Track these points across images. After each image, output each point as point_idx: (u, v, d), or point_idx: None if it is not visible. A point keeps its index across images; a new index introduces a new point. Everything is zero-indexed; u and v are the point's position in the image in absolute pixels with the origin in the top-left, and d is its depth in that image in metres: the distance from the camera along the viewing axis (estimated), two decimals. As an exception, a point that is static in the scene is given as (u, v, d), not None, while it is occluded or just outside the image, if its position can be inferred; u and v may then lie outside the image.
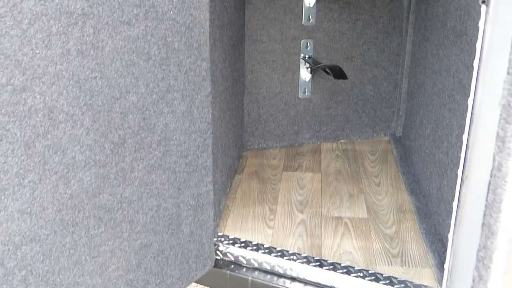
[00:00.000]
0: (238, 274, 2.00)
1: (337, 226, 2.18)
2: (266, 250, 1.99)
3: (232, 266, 2.01)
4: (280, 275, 1.94)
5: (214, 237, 2.05)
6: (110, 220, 1.49)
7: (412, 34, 2.82)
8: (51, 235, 1.31)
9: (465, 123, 1.49)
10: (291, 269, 1.91)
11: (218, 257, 2.03)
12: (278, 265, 1.93)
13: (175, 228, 1.76)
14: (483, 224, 1.35)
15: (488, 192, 1.30)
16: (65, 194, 1.33)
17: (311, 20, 2.78)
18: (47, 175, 1.26)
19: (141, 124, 1.52)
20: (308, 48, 2.83)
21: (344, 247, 2.04)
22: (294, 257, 1.94)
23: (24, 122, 1.18)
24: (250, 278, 1.97)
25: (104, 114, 1.39)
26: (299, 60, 2.84)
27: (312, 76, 2.89)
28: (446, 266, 1.50)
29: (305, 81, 2.87)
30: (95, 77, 1.34)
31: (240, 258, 1.99)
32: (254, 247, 2.01)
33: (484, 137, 1.29)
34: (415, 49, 2.75)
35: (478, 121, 1.29)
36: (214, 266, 2.01)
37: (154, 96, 1.54)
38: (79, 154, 1.35)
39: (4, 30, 1.09)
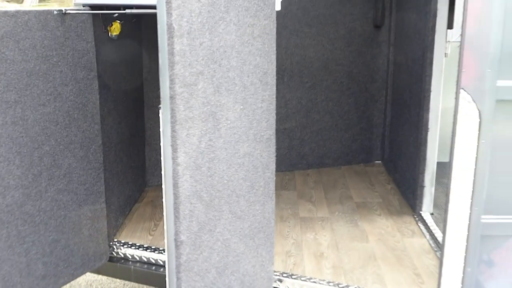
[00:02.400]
0: (125, 265, 2.97)
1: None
2: (145, 249, 2.98)
3: (122, 260, 2.98)
4: (152, 264, 2.92)
5: (111, 241, 3.01)
6: (31, 222, 2.46)
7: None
8: None
9: None
10: (161, 260, 2.89)
11: (112, 254, 2.99)
12: (152, 258, 2.91)
13: (77, 231, 2.72)
14: None
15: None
16: (3, 204, 2.31)
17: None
18: (2, 189, 2.25)
19: (52, 163, 2.51)
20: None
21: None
22: (163, 252, 2.92)
23: None
24: (132, 267, 2.94)
25: (27, 157, 2.38)
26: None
27: None
28: None
29: None
30: (22, 136, 2.34)
31: (127, 255, 2.97)
32: (137, 247, 2.99)
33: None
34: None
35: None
36: (109, 260, 2.97)
37: (61, 146, 2.55)
38: (12, 180, 2.33)
39: None
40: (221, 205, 2.02)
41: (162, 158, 1.72)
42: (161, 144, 1.71)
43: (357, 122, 4.22)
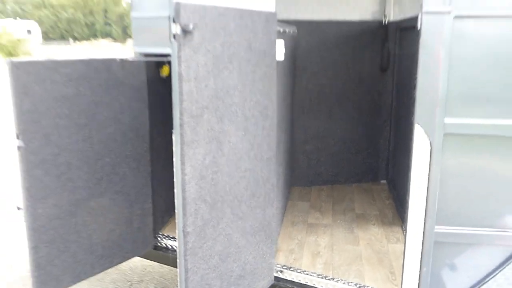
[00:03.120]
0: (165, 253, 3.32)
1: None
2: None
3: (164, 249, 3.34)
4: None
5: (156, 234, 3.38)
6: (94, 214, 2.89)
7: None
8: (69, 215, 2.71)
9: None
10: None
11: (157, 244, 3.36)
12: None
13: (129, 224, 3.13)
14: None
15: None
16: (73, 199, 2.74)
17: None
18: (73, 188, 2.69)
19: (111, 171, 2.94)
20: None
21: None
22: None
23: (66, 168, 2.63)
24: (170, 255, 3.29)
25: (92, 166, 2.83)
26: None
27: None
28: None
29: None
30: (88, 150, 2.79)
31: (168, 245, 3.32)
32: (175, 239, 3.33)
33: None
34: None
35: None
36: (154, 249, 3.33)
37: (118, 159, 2.97)
38: (80, 182, 2.78)
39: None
40: (224, 207, 2.33)
41: (174, 170, 2.04)
42: (174, 159, 2.03)
43: (366, 147, 4.43)
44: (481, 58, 2.20)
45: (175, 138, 2.05)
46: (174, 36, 1.94)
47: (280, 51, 2.69)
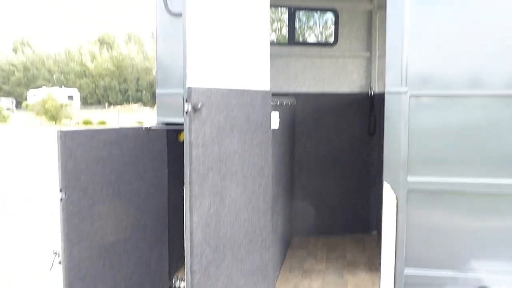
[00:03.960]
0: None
1: None
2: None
3: (177, 290, 3.56)
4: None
5: (172, 276, 3.61)
6: (119, 257, 3.16)
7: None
8: (98, 257, 2.99)
9: None
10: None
11: (171, 284, 3.58)
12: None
13: (148, 267, 3.38)
14: None
15: None
16: (102, 244, 3.03)
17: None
18: (103, 234, 2.99)
19: (134, 221, 3.25)
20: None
21: None
22: None
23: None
24: (183, 294, 3.50)
25: (119, 216, 3.13)
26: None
27: None
28: None
29: None
30: (116, 202, 3.10)
31: (181, 286, 3.54)
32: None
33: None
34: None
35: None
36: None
37: (140, 210, 3.28)
38: (109, 230, 3.07)
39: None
40: (225, 251, 2.59)
41: (184, 218, 2.33)
42: (184, 210, 2.33)
43: (358, 202, 4.67)
44: (435, 127, 2.51)
45: (186, 192, 2.37)
46: (186, 112, 2.31)
47: (275, 121, 3.05)
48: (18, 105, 51.42)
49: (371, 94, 4.65)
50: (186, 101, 2.30)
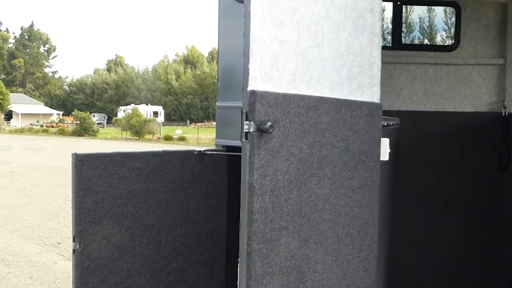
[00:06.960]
0: None
1: None
2: None
3: None
4: None
5: None
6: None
7: None
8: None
9: None
10: None
11: None
12: None
13: None
14: None
15: None
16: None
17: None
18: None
19: (178, 279, 2.36)
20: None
21: None
22: None
23: None
24: None
25: (157, 273, 2.26)
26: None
27: None
28: None
29: None
30: (155, 254, 2.24)
31: None
32: None
33: None
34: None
35: None
36: None
37: (188, 264, 2.39)
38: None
39: None
40: None
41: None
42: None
43: (480, 260, 3.46)
44: None
45: (240, 270, 1.40)
46: (246, 136, 1.35)
47: (384, 151, 1.99)
48: (109, 120, 55.13)
49: (505, 113, 3.40)
50: (247, 117, 1.35)
